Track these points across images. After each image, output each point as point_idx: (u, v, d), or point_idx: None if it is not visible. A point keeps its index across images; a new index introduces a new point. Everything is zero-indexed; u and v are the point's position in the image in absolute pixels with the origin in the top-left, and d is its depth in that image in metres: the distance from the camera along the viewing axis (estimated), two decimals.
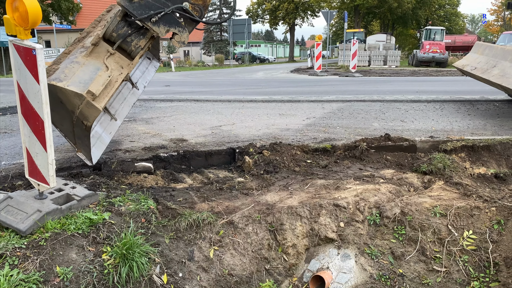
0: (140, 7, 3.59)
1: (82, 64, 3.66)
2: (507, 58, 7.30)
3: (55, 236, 2.87)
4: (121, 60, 3.85)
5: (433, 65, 29.88)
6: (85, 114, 3.70)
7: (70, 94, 3.51)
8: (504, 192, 4.22)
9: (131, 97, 5.10)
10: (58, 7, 29.71)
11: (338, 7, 47.34)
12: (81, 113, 3.70)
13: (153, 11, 3.64)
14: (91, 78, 3.58)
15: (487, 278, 3.41)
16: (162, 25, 3.74)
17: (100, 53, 3.77)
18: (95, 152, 4.24)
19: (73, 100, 3.60)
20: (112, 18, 3.75)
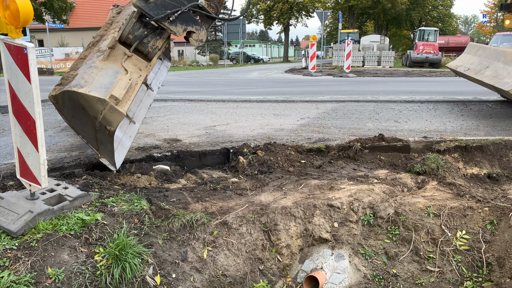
0: (156, 7, 3.55)
1: (100, 68, 3.62)
2: (500, 59, 7.35)
3: (47, 237, 2.84)
4: (139, 63, 3.80)
5: (427, 65, 30.05)
6: (109, 119, 3.63)
7: (93, 100, 3.46)
8: (497, 192, 4.24)
9: (147, 99, 5.01)
10: (50, 6, 29.48)
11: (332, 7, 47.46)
12: (104, 118, 3.64)
13: (169, 10, 3.60)
14: (112, 83, 3.54)
15: (480, 278, 3.43)
16: (179, 24, 3.70)
17: (117, 56, 3.72)
18: (117, 157, 4.19)
19: (96, 105, 3.55)
20: (128, 19, 3.70)
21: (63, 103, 3.91)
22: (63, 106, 3.97)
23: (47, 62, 29.12)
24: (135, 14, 3.66)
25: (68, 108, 3.99)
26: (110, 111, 3.52)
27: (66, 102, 3.85)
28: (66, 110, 4.04)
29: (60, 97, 3.75)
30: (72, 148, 5.46)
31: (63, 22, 32.67)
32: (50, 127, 6.84)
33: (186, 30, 3.75)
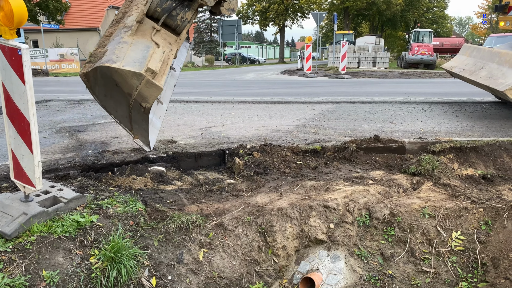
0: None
1: (130, 43, 3.48)
2: (494, 60, 7.40)
3: (41, 239, 2.82)
4: (168, 37, 3.64)
5: (422, 67, 30.19)
6: (144, 95, 3.49)
7: (128, 74, 3.33)
8: (491, 193, 4.26)
9: (171, 79, 4.87)
10: (45, 7, 29.34)
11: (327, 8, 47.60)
12: (140, 94, 3.49)
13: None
14: (145, 57, 3.40)
15: (475, 278, 3.44)
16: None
17: (146, 31, 3.56)
18: (151, 137, 4.09)
19: (131, 81, 3.40)
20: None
21: (94, 80, 3.69)
22: (94, 84, 3.74)
23: (41, 63, 28.97)
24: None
25: (100, 86, 3.79)
26: (146, 85, 3.38)
27: (98, 79, 3.67)
28: (97, 88, 3.83)
29: (92, 74, 3.55)
30: (67, 149, 5.43)
31: (58, 22, 32.53)
32: (44, 128, 6.81)
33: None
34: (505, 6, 7.90)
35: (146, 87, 3.40)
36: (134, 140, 4.05)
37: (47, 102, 10.09)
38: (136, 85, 3.41)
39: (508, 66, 6.86)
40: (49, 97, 11.09)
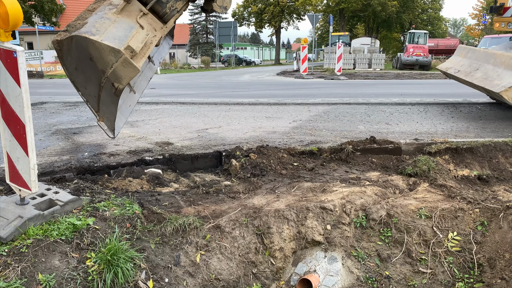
0: None
1: (113, 21, 3.36)
2: (490, 61, 7.45)
3: (37, 242, 2.80)
4: (154, 22, 3.56)
5: (417, 68, 30.32)
6: (119, 75, 3.33)
7: (105, 49, 3.17)
8: (487, 194, 4.28)
9: (148, 71, 4.75)
10: (41, 8, 29.23)
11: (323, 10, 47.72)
12: (114, 73, 3.33)
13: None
14: (126, 36, 3.29)
15: (471, 279, 3.45)
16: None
17: (132, 12, 3.46)
18: (117, 123, 3.89)
19: (108, 57, 3.24)
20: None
21: (68, 50, 3.43)
22: (67, 54, 3.47)
23: (36, 65, 28.83)
24: None
25: (72, 57, 3.52)
26: (123, 64, 3.24)
27: (72, 50, 3.42)
28: (69, 59, 3.53)
29: (66, 43, 3.31)
30: (63, 152, 5.41)
31: (53, 24, 32.42)
32: (40, 130, 6.78)
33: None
34: (500, 7, 7.95)
35: (123, 66, 3.27)
36: (98, 122, 3.78)
37: (43, 104, 10.05)
38: (112, 62, 3.26)
39: (503, 67, 6.90)
40: (44, 99, 11.04)
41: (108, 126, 3.79)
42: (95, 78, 3.52)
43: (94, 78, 3.52)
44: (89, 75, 3.56)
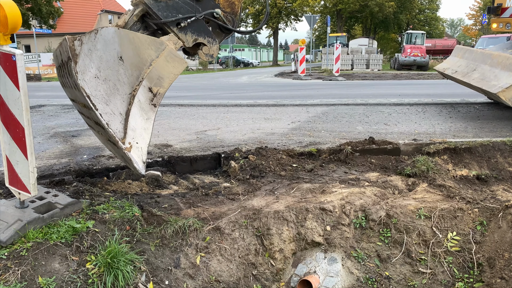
0: (166, 8, 3.12)
1: None
2: (487, 61, 7.47)
3: (37, 245, 2.80)
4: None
5: (415, 68, 30.40)
6: (160, 74, 2.86)
7: (144, 42, 2.79)
8: (486, 193, 4.30)
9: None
10: (38, 11, 29.23)
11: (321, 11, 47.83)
12: (152, 73, 2.84)
13: (181, 15, 3.18)
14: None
15: (471, 278, 3.46)
16: (190, 33, 3.24)
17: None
18: (144, 149, 2.98)
19: (146, 52, 2.79)
20: (128, 17, 3.25)
21: (88, 51, 2.73)
22: (85, 56, 2.71)
23: (34, 67, 28.82)
24: (137, 11, 3.21)
25: (93, 59, 2.75)
26: (166, 59, 2.81)
27: (96, 48, 2.75)
28: (87, 62, 2.72)
29: (87, 40, 2.71)
30: (62, 155, 5.40)
31: (50, 27, 32.41)
32: (39, 133, 6.77)
33: (196, 41, 3.31)
34: (498, 8, 7.98)
35: (166, 61, 2.88)
36: (125, 151, 2.76)
37: (41, 107, 10.04)
38: (151, 58, 2.84)
39: (500, 68, 6.93)
40: (42, 102, 11.03)
41: (138, 156, 2.85)
42: (124, 86, 2.87)
43: (123, 86, 2.87)
44: (115, 83, 2.83)
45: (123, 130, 2.81)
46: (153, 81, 2.94)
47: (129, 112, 2.84)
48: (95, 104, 2.68)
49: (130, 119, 2.84)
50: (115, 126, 2.76)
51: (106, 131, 2.70)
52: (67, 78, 2.91)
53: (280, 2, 51.33)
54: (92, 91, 2.67)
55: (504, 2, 7.89)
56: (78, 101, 3.03)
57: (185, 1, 3.19)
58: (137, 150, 2.83)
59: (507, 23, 7.92)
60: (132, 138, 2.81)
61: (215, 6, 3.38)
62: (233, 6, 3.52)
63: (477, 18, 56.23)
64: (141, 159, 2.85)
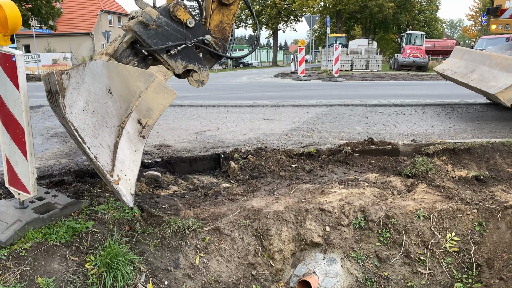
0: (156, 35, 3.12)
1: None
2: (486, 62, 7.48)
3: (37, 246, 2.80)
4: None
5: (414, 69, 30.42)
6: (149, 105, 2.88)
7: (133, 74, 2.78)
8: (485, 194, 4.30)
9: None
10: (38, 12, 29.24)
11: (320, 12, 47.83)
12: (141, 105, 2.85)
13: (171, 42, 3.17)
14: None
15: (470, 279, 3.47)
16: (180, 60, 3.26)
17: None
18: (133, 181, 2.91)
19: (135, 84, 2.79)
20: (118, 44, 3.27)
21: (76, 84, 2.68)
22: (73, 89, 2.65)
23: (34, 68, 28.83)
24: (126, 38, 3.21)
25: (81, 93, 2.69)
26: (155, 90, 2.80)
27: (84, 81, 2.71)
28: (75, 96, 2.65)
29: (75, 73, 2.65)
30: (61, 155, 5.40)
31: (50, 27, 32.42)
32: (38, 134, 6.77)
33: (186, 67, 3.34)
34: (497, 9, 8.00)
35: (155, 93, 2.89)
36: (113, 184, 2.70)
37: (40, 108, 10.03)
38: (140, 90, 2.84)
39: (499, 68, 6.94)
40: (42, 102, 11.02)
41: (126, 189, 2.78)
42: (112, 119, 2.84)
43: (111, 118, 2.84)
44: (103, 115, 2.80)
45: (112, 162, 2.77)
46: (142, 113, 2.96)
47: (117, 145, 2.82)
48: (83, 137, 2.64)
49: (119, 152, 2.81)
50: (103, 159, 2.72)
51: (95, 163, 2.67)
52: (55, 107, 2.88)
53: (280, 3, 51.36)
54: (80, 125, 2.64)
55: (504, 3, 7.91)
56: (67, 128, 3.03)
57: (175, 28, 3.20)
58: (126, 183, 2.79)
59: (506, 24, 7.94)
60: (120, 171, 2.76)
61: (205, 32, 3.37)
62: (224, 31, 3.52)
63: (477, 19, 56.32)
64: (130, 192, 2.80)
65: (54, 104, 2.88)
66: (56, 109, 2.89)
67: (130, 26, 3.07)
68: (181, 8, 3.19)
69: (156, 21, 3.09)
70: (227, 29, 3.54)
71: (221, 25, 3.50)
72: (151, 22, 3.06)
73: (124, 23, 3.29)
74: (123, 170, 2.79)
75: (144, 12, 3.04)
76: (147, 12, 3.04)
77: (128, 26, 3.10)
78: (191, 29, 3.26)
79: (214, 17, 3.45)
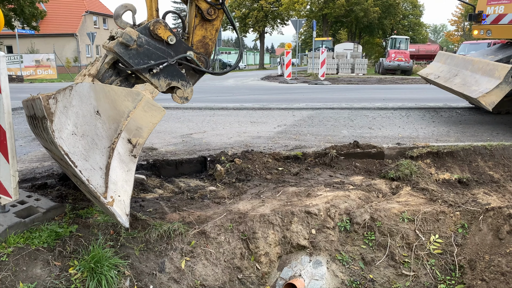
0: (137, 55, 3.12)
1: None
2: (468, 67, 7.62)
3: (18, 251, 2.75)
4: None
5: (399, 73, 30.81)
6: (139, 124, 2.88)
7: (120, 94, 2.80)
8: (467, 197, 4.38)
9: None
10: (21, 12, 28.75)
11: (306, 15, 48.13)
12: (131, 125, 2.84)
13: (153, 61, 3.18)
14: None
15: (453, 280, 3.52)
16: (163, 78, 3.26)
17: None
18: (126, 201, 2.84)
19: (123, 104, 2.79)
20: (99, 64, 3.28)
21: (64, 108, 2.63)
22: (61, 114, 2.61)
23: (16, 69, 28.30)
24: (108, 59, 3.22)
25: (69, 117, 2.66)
26: (144, 108, 2.82)
27: (71, 105, 2.67)
28: (63, 120, 2.62)
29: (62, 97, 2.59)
30: (44, 158, 5.32)
31: (33, 28, 31.91)
32: (20, 136, 6.65)
33: (170, 85, 3.33)
34: (479, 15, 8.16)
35: (144, 111, 2.88)
36: (107, 206, 2.64)
37: (23, 109, 9.86)
38: (129, 109, 2.84)
39: (481, 73, 7.08)
40: None
41: (121, 209, 2.71)
42: (102, 140, 2.80)
43: (101, 140, 2.80)
44: (93, 137, 2.76)
45: (104, 184, 2.70)
46: (132, 132, 2.92)
47: (109, 166, 2.77)
48: (74, 161, 2.57)
49: (111, 173, 2.76)
50: (96, 182, 2.65)
51: (87, 187, 2.61)
52: (41, 132, 2.83)
53: (267, 6, 51.53)
54: (70, 148, 2.58)
55: (485, 10, 8.08)
56: (54, 153, 2.96)
57: (156, 47, 3.19)
58: (120, 203, 2.73)
59: (488, 30, 8.11)
60: (113, 192, 2.71)
61: (187, 48, 3.36)
62: (207, 46, 3.53)
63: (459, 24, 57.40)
64: (124, 212, 2.74)
65: (38, 129, 2.83)
66: (42, 134, 2.83)
67: (110, 48, 3.06)
68: (161, 26, 3.19)
69: (137, 41, 3.10)
70: (210, 44, 3.56)
71: (204, 40, 3.52)
72: (132, 43, 3.07)
73: (104, 44, 3.28)
74: (116, 191, 2.74)
75: (124, 33, 3.03)
76: (127, 33, 3.04)
77: (109, 47, 3.09)
78: (173, 46, 3.27)
79: (197, 32, 3.47)
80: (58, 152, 2.60)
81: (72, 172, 2.75)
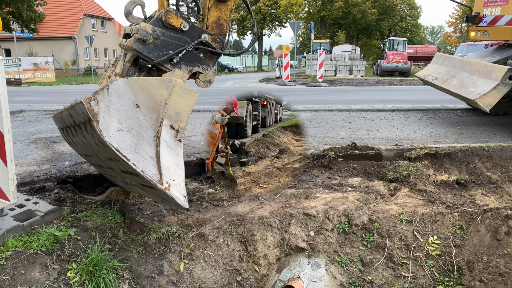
0: (156, 48, 3.17)
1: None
2: (465, 69, 7.65)
3: (17, 254, 2.74)
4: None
5: (397, 74, 30.86)
6: (177, 110, 2.91)
7: (154, 85, 2.83)
8: (465, 198, 4.39)
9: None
10: (19, 15, 28.72)
11: (305, 18, 48.23)
12: (170, 112, 2.89)
13: (172, 51, 3.22)
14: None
15: (451, 282, 3.53)
16: (184, 66, 3.30)
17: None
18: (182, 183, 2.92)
19: (158, 93, 2.84)
20: (122, 65, 3.34)
21: (105, 107, 2.70)
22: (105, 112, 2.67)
23: (14, 72, 28.25)
24: (128, 57, 3.28)
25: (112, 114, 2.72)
26: (178, 94, 2.86)
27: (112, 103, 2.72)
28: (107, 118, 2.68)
29: (102, 98, 2.67)
30: (43, 161, 5.31)
31: (32, 31, 31.88)
32: (18, 139, 6.64)
33: (192, 71, 3.36)
34: (476, 16, 8.19)
35: (179, 96, 2.93)
36: (166, 191, 2.71)
37: (21, 113, 9.85)
38: (165, 97, 2.88)
39: (478, 75, 7.10)
40: (23, 107, 10.83)
41: (178, 192, 2.79)
42: (147, 131, 2.87)
43: (146, 131, 2.86)
44: (138, 130, 2.83)
45: (158, 172, 2.78)
46: (173, 118, 2.97)
47: (158, 154, 2.84)
48: (125, 155, 2.65)
49: (162, 160, 2.83)
50: (150, 171, 2.73)
51: (143, 177, 2.68)
52: (83, 137, 2.96)
53: (265, 8, 51.62)
54: (120, 144, 2.66)
55: (482, 11, 8.11)
56: (100, 154, 3.06)
57: (171, 36, 3.24)
58: (176, 187, 2.81)
59: (485, 31, 8.14)
60: (168, 177, 2.78)
61: (201, 31, 3.39)
62: (222, 27, 3.56)
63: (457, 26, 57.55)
64: (182, 194, 2.83)
65: (80, 135, 2.96)
66: (85, 139, 2.95)
67: (129, 46, 3.12)
68: (173, 15, 3.22)
69: (153, 34, 3.14)
70: (225, 24, 3.58)
71: (218, 21, 3.54)
72: (148, 37, 3.12)
73: (121, 43, 3.32)
74: (170, 176, 2.81)
75: (140, 29, 3.08)
76: (142, 28, 3.08)
77: (128, 46, 3.14)
78: (187, 32, 3.30)
79: (211, 14, 3.50)
80: (107, 151, 2.66)
81: (124, 168, 2.81)
